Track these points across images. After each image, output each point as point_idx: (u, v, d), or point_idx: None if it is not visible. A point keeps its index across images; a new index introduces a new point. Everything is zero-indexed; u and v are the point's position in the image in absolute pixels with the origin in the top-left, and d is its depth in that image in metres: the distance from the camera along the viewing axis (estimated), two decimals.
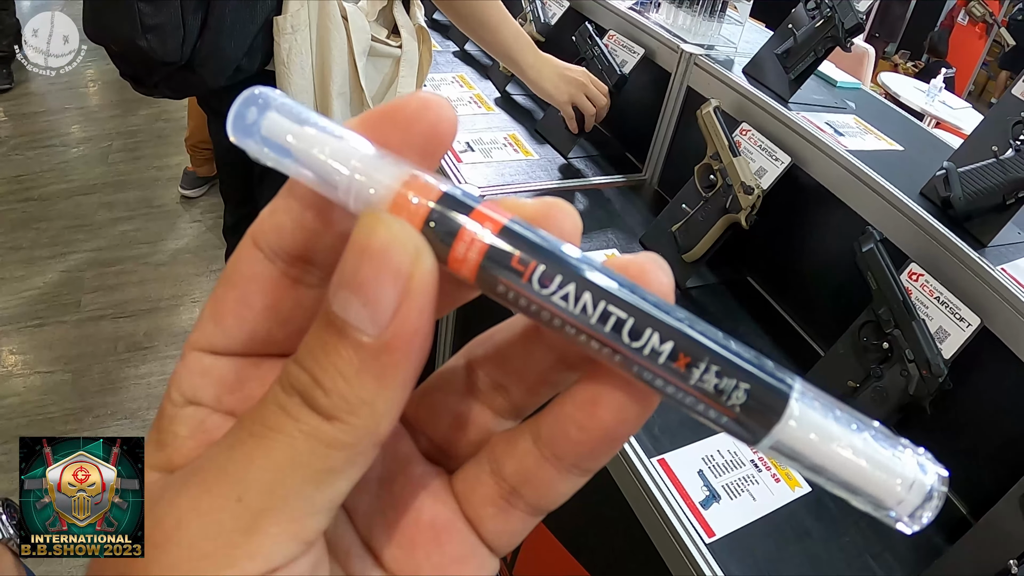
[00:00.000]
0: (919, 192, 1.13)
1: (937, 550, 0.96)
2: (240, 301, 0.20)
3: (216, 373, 0.20)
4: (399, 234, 0.16)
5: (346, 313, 0.16)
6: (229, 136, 0.19)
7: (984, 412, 1.02)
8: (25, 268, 2.53)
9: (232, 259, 0.20)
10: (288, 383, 0.17)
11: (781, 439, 0.17)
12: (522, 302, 0.17)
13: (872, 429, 0.18)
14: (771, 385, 0.17)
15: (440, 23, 2.30)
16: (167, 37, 1.12)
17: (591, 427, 0.19)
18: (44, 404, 2.07)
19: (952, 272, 1.00)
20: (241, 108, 0.19)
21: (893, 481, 0.17)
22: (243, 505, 0.17)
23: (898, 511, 0.17)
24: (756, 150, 1.25)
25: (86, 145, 3.24)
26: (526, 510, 0.21)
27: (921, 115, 3.52)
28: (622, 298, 0.17)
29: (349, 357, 0.17)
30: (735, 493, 0.95)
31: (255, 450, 0.17)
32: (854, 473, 0.17)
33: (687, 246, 1.28)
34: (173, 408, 0.20)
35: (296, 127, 0.19)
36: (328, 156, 0.18)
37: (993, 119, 1.12)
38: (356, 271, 0.16)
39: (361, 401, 0.17)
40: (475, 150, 1.57)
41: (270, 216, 0.20)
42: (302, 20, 1.21)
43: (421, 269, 0.16)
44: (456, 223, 0.17)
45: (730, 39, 1.58)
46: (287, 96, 0.19)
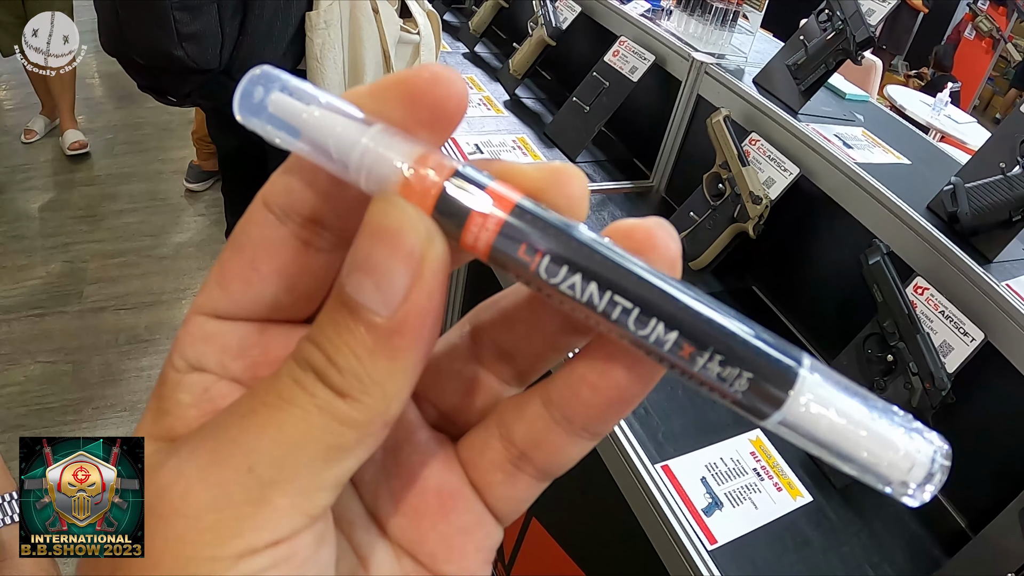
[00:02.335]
0: (926, 206, 1.14)
1: (936, 563, 0.97)
2: (247, 265, 0.20)
3: (220, 338, 0.20)
4: (411, 218, 0.17)
5: (359, 294, 0.17)
6: (236, 115, 0.19)
7: (986, 426, 1.03)
8: (27, 257, 2.53)
9: (241, 222, 0.20)
10: (303, 359, 0.17)
11: (787, 418, 0.17)
12: (532, 285, 0.18)
13: (879, 406, 0.18)
14: (776, 370, 0.17)
15: (450, 24, 2.30)
16: (206, 44, 1.11)
17: (604, 387, 0.19)
18: (44, 394, 2.06)
19: (957, 287, 1.00)
20: (248, 87, 0.19)
21: (898, 457, 0.17)
22: (253, 476, 0.17)
23: (902, 486, 0.18)
24: (765, 160, 1.26)
25: (91, 136, 3.24)
26: (534, 475, 0.21)
27: (927, 128, 3.53)
28: (628, 287, 0.17)
29: (362, 337, 0.17)
30: (737, 501, 0.96)
31: (268, 420, 0.17)
32: (860, 449, 0.17)
33: (694, 254, 1.29)
34: (176, 375, 0.20)
35: (303, 106, 0.18)
36: (337, 136, 0.18)
37: (1001, 136, 1.12)
38: (369, 254, 0.17)
39: (373, 381, 0.17)
40: (484, 152, 1.57)
41: (281, 178, 0.19)
42: (335, 15, 1.22)
43: (432, 253, 0.17)
44: (466, 207, 0.17)
45: (741, 49, 1.58)
46: (293, 76, 0.19)
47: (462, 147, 1.56)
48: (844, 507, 1.00)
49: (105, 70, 3.77)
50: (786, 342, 0.18)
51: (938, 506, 1.07)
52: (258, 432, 0.17)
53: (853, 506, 1.00)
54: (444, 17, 2.33)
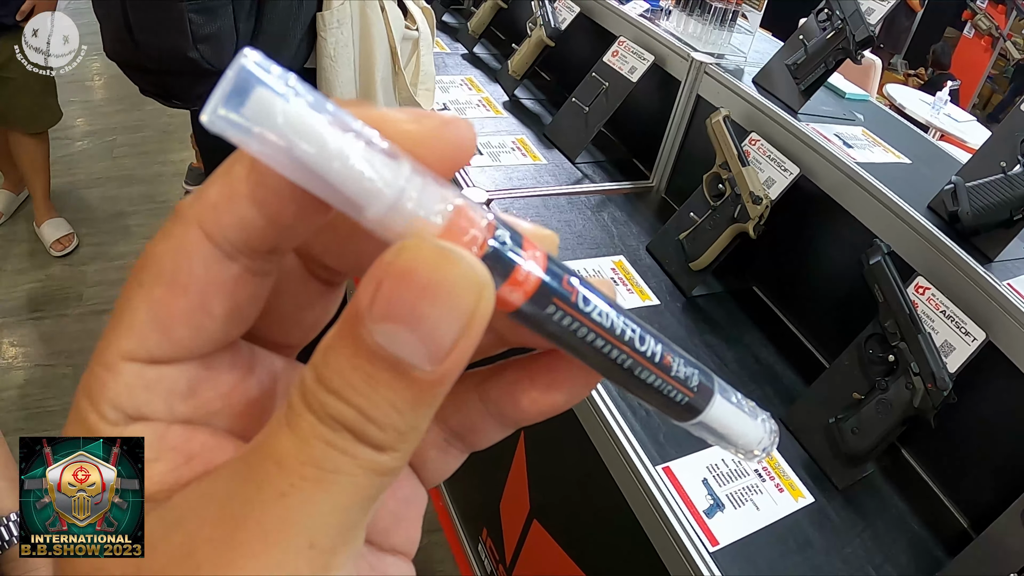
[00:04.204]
0: (927, 206, 1.14)
1: (939, 563, 0.97)
2: (197, 309, 0.18)
3: (164, 384, 0.18)
4: (464, 269, 0.15)
5: (395, 347, 0.15)
6: (201, 117, 0.15)
7: (987, 426, 1.03)
8: (27, 260, 2.53)
9: (171, 253, 0.17)
10: (327, 415, 0.16)
11: (707, 418, 0.22)
12: (565, 321, 0.18)
13: (743, 401, 0.23)
14: (705, 373, 0.22)
15: (449, 25, 2.30)
16: (222, 45, 1.11)
17: (543, 403, 0.21)
18: (44, 398, 2.06)
19: (958, 286, 1.00)
20: (243, 77, 0.15)
21: (757, 436, 0.23)
22: (316, 550, 0.16)
23: (754, 453, 0.24)
24: (765, 160, 1.25)
25: (91, 139, 3.25)
26: (462, 449, 0.23)
27: (927, 127, 3.53)
28: (627, 315, 0.20)
29: (402, 392, 0.16)
30: (739, 502, 0.95)
31: (315, 495, 0.16)
32: (739, 434, 0.23)
33: (694, 254, 1.29)
34: (112, 429, 0.18)
35: (306, 118, 0.15)
36: (362, 167, 0.15)
37: (1001, 135, 1.12)
38: (415, 307, 0.15)
39: (411, 428, 0.17)
40: (483, 153, 1.57)
41: (230, 207, 0.17)
42: (346, 14, 1.23)
43: (484, 308, 0.16)
44: (511, 259, 0.17)
45: (740, 48, 1.58)
46: (283, 72, 0.16)
47: None
48: (846, 508, 1.00)
49: (105, 72, 3.77)
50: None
51: (940, 506, 1.06)
52: (310, 507, 0.16)
53: (855, 507, 1.00)
54: (443, 18, 2.33)
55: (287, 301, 0.22)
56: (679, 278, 1.33)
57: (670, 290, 1.33)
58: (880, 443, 1.00)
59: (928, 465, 1.10)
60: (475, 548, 1.58)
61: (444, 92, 1.80)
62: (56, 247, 2.55)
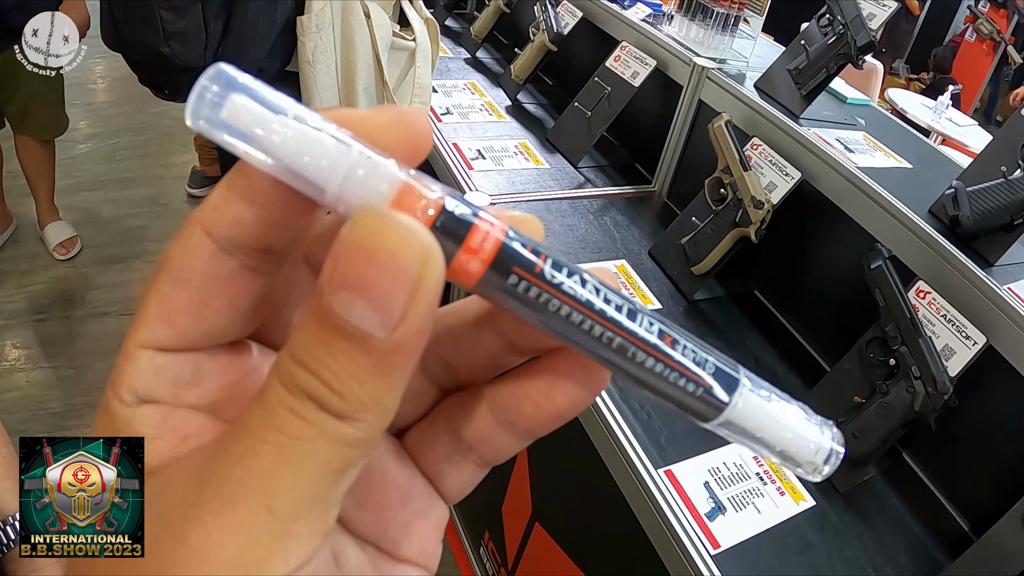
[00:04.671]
0: (928, 210, 1.14)
1: (939, 566, 0.97)
2: (197, 301, 0.19)
3: (171, 371, 0.20)
4: (409, 235, 0.16)
5: (351, 316, 0.16)
6: (187, 121, 0.17)
7: (988, 429, 1.03)
8: (30, 263, 2.53)
9: (179, 252, 0.19)
10: (294, 385, 0.17)
11: (730, 418, 0.19)
12: (532, 292, 0.18)
13: (797, 404, 0.20)
14: (726, 362, 0.20)
15: (451, 29, 2.31)
16: (191, 43, 1.13)
17: (547, 407, 0.21)
18: (46, 399, 2.07)
19: (959, 290, 1.00)
20: (205, 88, 0.17)
21: (810, 445, 0.20)
22: (274, 514, 0.17)
23: (810, 468, 0.20)
24: (766, 165, 1.26)
25: (93, 141, 3.25)
26: (478, 463, 0.23)
27: (928, 131, 3.54)
28: (615, 288, 0.19)
29: (359, 360, 0.17)
30: (740, 505, 0.96)
31: (277, 459, 0.17)
32: (784, 440, 0.20)
33: (696, 259, 1.29)
34: (127, 410, 0.19)
35: (274, 116, 0.17)
36: (316, 151, 0.17)
37: (1002, 139, 1.12)
38: (362, 273, 0.16)
39: (373, 400, 0.17)
40: (486, 158, 1.58)
41: (226, 207, 0.19)
42: (326, 19, 1.23)
43: (431, 273, 0.16)
44: (467, 221, 0.17)
45: (742, 53, 1.59)
46: (253, 79, 0.18)
47: (464, 153, 1.56)
48: (847, 511, 1.00)
49: (108, 75, 3.78)
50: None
51: (941, 509, 1.07)
52: (268, 471, 0.17)
53: (856, 510, 1.01)
54: (446, 22, 2.34)
55: (296, 305, 0.23)
56: (681, 282, 1.34)
57: (672, 294, 1.33)
58: (881, 446, 1.01)
59: (929, 468, 1.11)
60: (477, 551, 1.59)
61: (447, 96, 1.81)
62: (60, 251, 2.55)
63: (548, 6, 1.78)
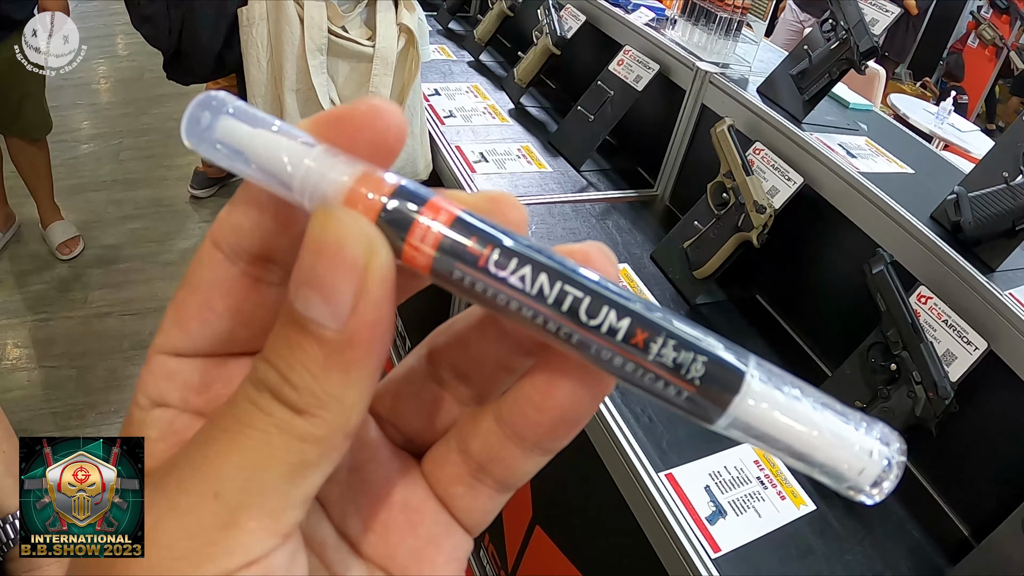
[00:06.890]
0: (930, 216, 1.14)
1: (939, 571, 0.97)
2: (203, 305, 0.20)
3: (181, 376, 0.20)
4: (351, 227, 0.17)
5: (307, 309, 0.17)
6: (184, 141, 0.19)
7: (989, 435, 1.03)
8: (32, 262, 2.54)
9: (193, 262, 0.20)
10: (257, 379, 0.18)
11: (739, 416, 0.17)
12: (479, 286, 0.18)
13: (828, 402, 0.17)
14: (727, 359, 0.17)
15: (455, 32, 2.32)
16: (159, 27, 1.21)
17: (548, 408, 0.20)
18: (48, 399, 2.07)
19: (961, 296, 1.01)
20: (195, 111, 0.19)
21: (851, 454, 0.17)
22: (220, 501, 0.17)
23: (857, 483, 0.17)
24: (769, 169, 1.26)
25: (96, 142, 3.26)
26: (494, 487, 0.22)
27: (930, 137, 3.54)
28: (576, 279, 0.17)
29: (314, 352, 0.17)
30: (741, 509, 0.96)
31: (230, 445, 0.17)
32: (812, 447, 0.17)
33: (698, 263, 1.29)
34: (141, 412, 0.20)
35: (249, 129, 0.19)
36: (281, 156, 0.18)
37: (1004, 145, 1.13)
38: (313, 267, 0.17)
39: (330, 395, 0.17)
40: (489, 161, 1.58)
41: (228, 217, 0.20)
42: (257, 14, 1.24)
43: (376, 262, 0.17)
44: (409, 215, 0.17)
45: (745, 58, 1.59)
46: (241, 100, 0.20)
47: (467, 156, 1.56)
48: (848, 515, 1.00)
49: (111, 76, 3.79)
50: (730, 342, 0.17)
51: (941, 514, 1.07)
52: (221, 457, 0.17)
53: (857, 514, 1.01)
54: (449, 25, 2.34)
55: None
56: (683, 286, 1.34)
57: (674, 298, 1.33)
58: None
59: (929, 473, 1.11)
60: (477, 554, 1.59)
61: (450, 99, 1.81)
62: (63, 251, 2.55)
63: (552, 10, 1.79)
